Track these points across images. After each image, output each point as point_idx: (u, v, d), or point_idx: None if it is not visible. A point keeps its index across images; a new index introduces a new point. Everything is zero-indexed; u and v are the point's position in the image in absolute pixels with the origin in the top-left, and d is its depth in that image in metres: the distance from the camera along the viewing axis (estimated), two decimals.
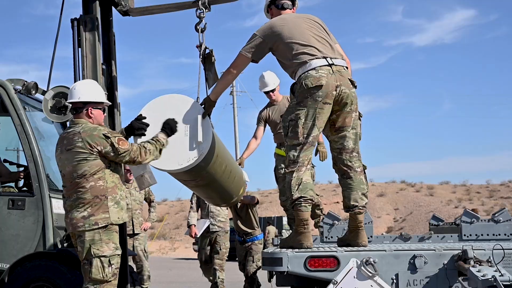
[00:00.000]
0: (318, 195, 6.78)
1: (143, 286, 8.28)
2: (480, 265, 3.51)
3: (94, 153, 4.26)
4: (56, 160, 4.47)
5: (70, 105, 4.56)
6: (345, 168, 4.42)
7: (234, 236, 8.07)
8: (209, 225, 8.20)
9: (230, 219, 8.34)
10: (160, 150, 4.39)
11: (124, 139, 4.38)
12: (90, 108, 4.44)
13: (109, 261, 4.24)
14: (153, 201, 9.06)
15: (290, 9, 4.73)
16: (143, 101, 57.71)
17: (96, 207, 4.24)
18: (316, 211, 6.60)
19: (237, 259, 8.01)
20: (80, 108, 4.42)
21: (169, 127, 4.45)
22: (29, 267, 5.14)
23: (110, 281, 4.26)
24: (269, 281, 4.72)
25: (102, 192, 4.27)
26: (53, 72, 5.70)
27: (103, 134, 4.29)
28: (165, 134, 4.42)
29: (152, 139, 4.39)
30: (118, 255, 4.32)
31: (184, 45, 77.21)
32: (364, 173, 4.47)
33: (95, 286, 4.22)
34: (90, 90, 4.50)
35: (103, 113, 4.56)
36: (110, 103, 4.71)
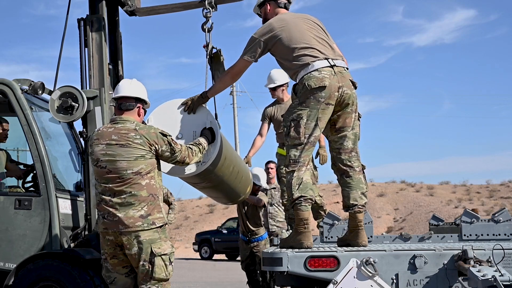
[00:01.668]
0: (321, 197, 6.79)
1: None
2: (480, 265, 3.51)
3: (152, 151, 4.19)
4: (95, 155, 4.23)
5: (115, 100, 4.44)
6: (344, 167, 4.43)
7: (237, 236, 8.06)
8: (268, 226, 8.27)
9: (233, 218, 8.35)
10: (203, 153, 4.40)
11: (174, 139, 4.37)
12: (140, 106, 4.38)
13: (169, 259, 4.20)
14: (172, 203, 9.07)
15: (288, 8, 4.72)
16: None
17: (152, 206, 4.16)
18: (320, 211, 6.60)
19: (238, 258, 7.99)
20: (132, 104, 4.33)
21: (208, 133, 4.49)
22: (36, 267, 5.12)
23: (169, 278, 4.23)
24: (269, 281, 4.73)
25: (155, 191, 4.21)
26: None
27: (160, 133, 4.25)
28: (205, 139, 4.44)
29: (194, 143, 4.39)
30: (174, 252, 4.28)
31: (184, 45, 77.16)
32: (363, 172, 4.48)
33: (157, 286, 4.16)
34: (142, 90, 4.44)
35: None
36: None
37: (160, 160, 4.33)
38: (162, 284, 4.18)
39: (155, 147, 4.20)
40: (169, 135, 4.30)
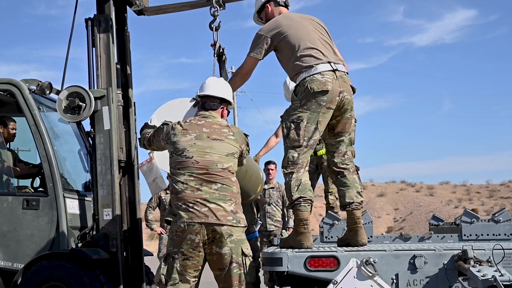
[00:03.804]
0: (337, 199, 6.78)
1: None
2: (480, 265, 3.52)
3: (239, 151, 4.10)
4: (181, 144, 4.00)
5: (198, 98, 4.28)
6: (338, 170, 4.47)
7: None
8: (266, 225, 8.27)
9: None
10: None
11: None
12: (224, 107, 4.21)
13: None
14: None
15: (288, 7, 4.70)
16: (144, 101, 57.68)
17: (238, 205, 3.98)
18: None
19: None
20: (215, 104, 4.16)
21: None
22: (43, 267, 5.10)
23: None
24: (269, 281, 4.72)
25: (239, 190, 4.09)
26: (56, 72, 5.70)
27: (243, 133, 4.21)
28: None
29: None
30: None
31: (184, 45, 77.34)
32: (357, 173, 4.52)
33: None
34: (228, 90, 4.28)
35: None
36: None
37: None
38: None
39: (242, 148, 4.12)
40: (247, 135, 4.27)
